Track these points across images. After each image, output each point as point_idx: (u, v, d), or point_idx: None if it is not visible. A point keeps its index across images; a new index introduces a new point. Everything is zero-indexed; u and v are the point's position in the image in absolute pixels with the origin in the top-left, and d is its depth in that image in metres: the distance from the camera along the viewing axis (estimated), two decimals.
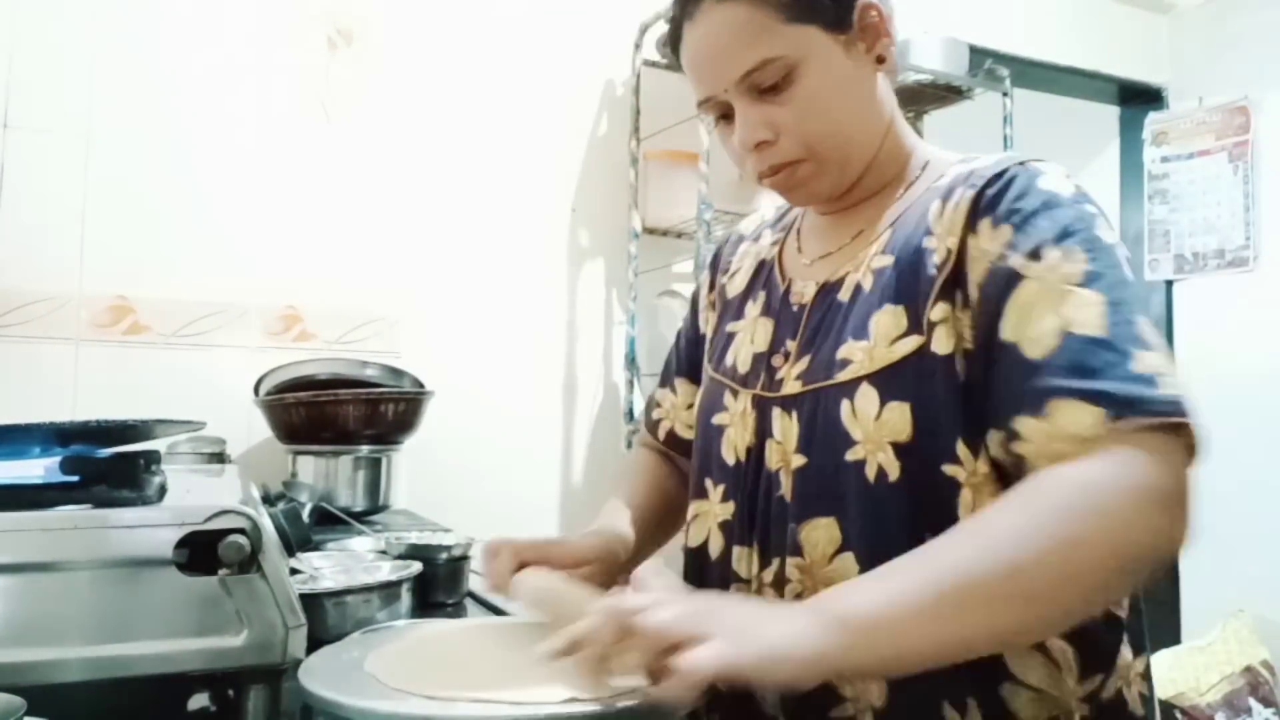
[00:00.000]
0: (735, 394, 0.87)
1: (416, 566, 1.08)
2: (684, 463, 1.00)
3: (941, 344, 0.72)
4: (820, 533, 0.76)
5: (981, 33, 2.61)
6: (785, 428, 0.80)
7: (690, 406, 0.99)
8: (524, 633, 0.78)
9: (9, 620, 0.64)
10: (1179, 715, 2.40)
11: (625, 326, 2.23)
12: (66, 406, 1.75)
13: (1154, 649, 2.77)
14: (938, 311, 0.73)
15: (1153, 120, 3.06)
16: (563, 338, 2.23)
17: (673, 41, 0.85)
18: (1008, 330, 0.69)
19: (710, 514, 0.87)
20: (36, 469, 0.78)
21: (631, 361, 2.21)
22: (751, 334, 0.89)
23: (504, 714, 0.58)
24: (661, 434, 1.04)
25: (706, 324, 1.00)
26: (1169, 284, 3.02)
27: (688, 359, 1.02)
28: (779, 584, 0.79)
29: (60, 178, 1.78)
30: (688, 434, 0.99)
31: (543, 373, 2.20)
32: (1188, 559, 2.90)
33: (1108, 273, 0.69)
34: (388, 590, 1.00)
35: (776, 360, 0.84)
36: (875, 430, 0.73)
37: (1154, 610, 3.10)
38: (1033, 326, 0.68)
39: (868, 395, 0.74)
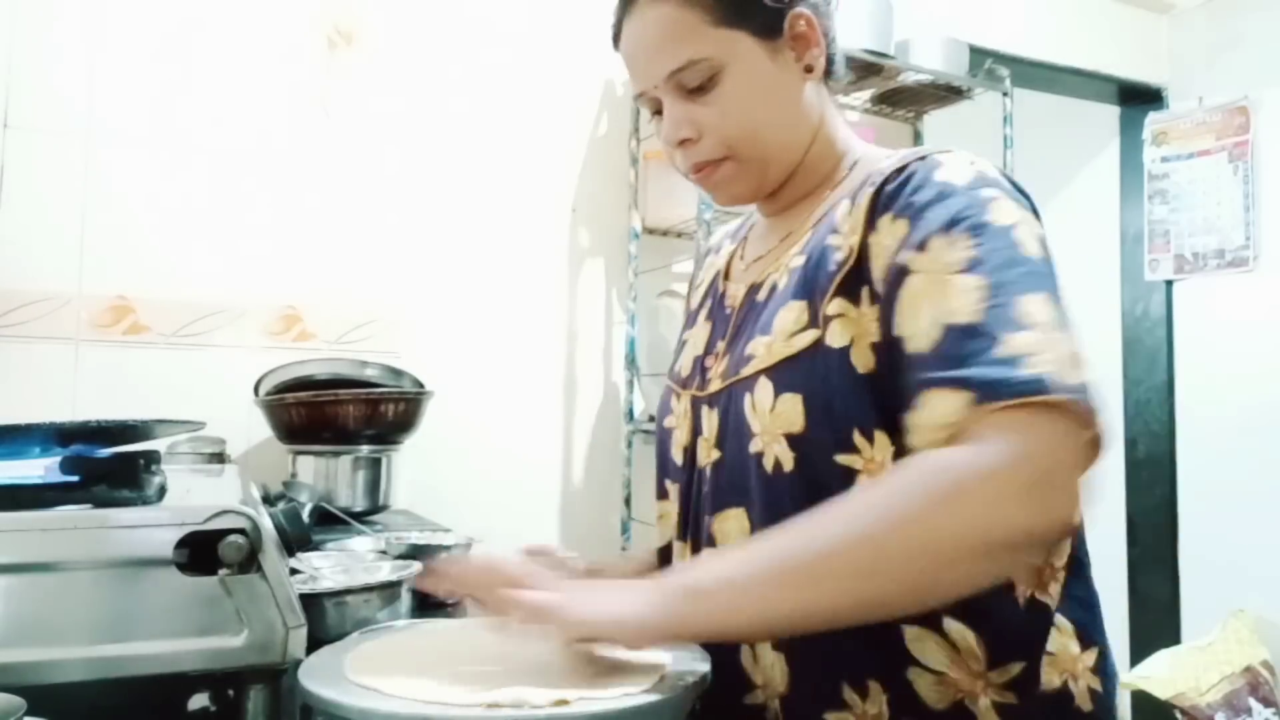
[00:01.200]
0: (678, 396, 0.90)
1: (416, 566, 1.07)
2: None
3: (836, 338, 0.74)
4: (731, 524, 0.79)
5: (981, 33, 2.61)
6: (710, 424, 0.83)
7: None
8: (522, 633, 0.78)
9: (9, 620, 0.64)
10: (1179, 715, 2.40)
11: (625, 326, 2.23)
12: (66, 406, 1.75)
13: (1154, 649, 2.77)
14: (834, 306, 0.74)
15: (1153, 120, 3.06)
16: (563, 338, 2.23)
17: (614, 37, 0.88)
18: (898, 326, 0.71)
19: (671, 514, 0.90)
20: (36, 469, 0.78)
21: (631, 361, 2.21)
22: (695, 339, 0.93)
23: (504, 714, 0.58)
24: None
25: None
26: (1169, 284, 3.02)
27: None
28: None
29: (60, 178, 1.78)
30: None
31: (543, 373, 2.20)
32: (1188, 559, 2.92)
33: (991, 256, 0.68)
34: (388, 590, 1.00)
35: (709, 361, 0.87)
36: (771, 422, 0.75)
37: (1154, 610, 3.09)
38: (916, 320, 0.69)
39: (765, 388, 0.76)
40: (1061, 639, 0.75)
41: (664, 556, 0.92)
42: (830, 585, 0.62)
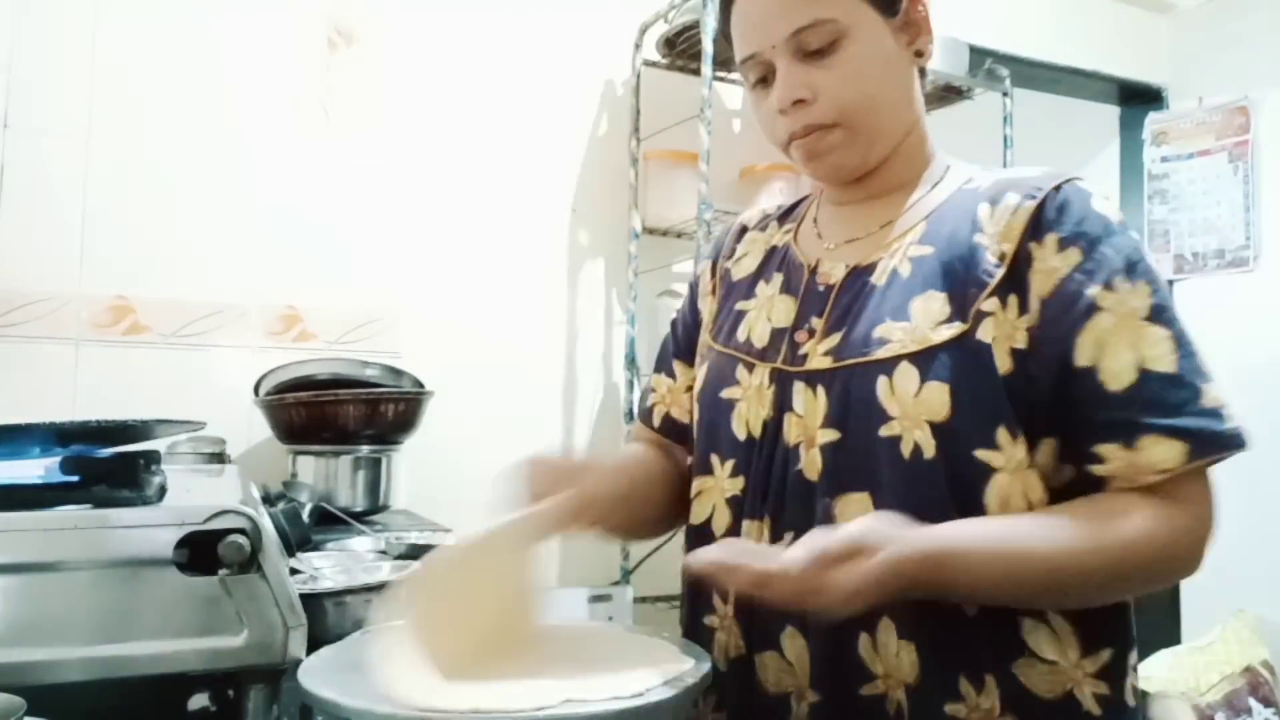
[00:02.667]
0: (750, 368, 0.87)
1: (416, 566, 1.07)
2: (679, 452, 0.99)
3: (987, 334, 0.76)
4: (854, 507, 0.77)
5: (981, 33, 2.61)
6: (808, 402, 0.81)
7: (689, 389, 0.98)
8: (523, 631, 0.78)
9: (9, 620, 0.64)
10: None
11: (625, 326, 2.22)
12: (66, 406, 1.75)
13: (1154, 649, 2.76)
14: (989, 304, 0.76)
15: (1153, 120, 3.06)
16: (563, 338, 2.23)
17: (725, 0, 0.87)
18: (1083, 357, 0.75)
19: (716, 490, 0.87)
20: (36, 469, 0.78)
21: (631, 361, 2.20)
22: (768, 311, 0.89)
23: (504, 716, 0.58)
24: (657, 419, 1.01)
25: (705, 309, 0.99)
26: (1169, 284, 3.02)
27: (685, 344, 1.01)
28: None
29: (60, 178, 1.78)
30: (685, 418, 0.98)
31: (543, 373, 2.20)
32: None
33: (1168, 306, 0.76)
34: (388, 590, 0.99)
35: (800, 336, 0.85)
36: (913, 408, 0.76)
37: (1154, 610, 3.08)
38: (1111, 359, 0.74)
39: (907, 373, 0.76)
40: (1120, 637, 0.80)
41: (698, 534, 0.88)
42: (1030, 593, 0.74)
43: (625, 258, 2.22)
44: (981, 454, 0.75)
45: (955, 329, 0.76)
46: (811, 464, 0.80)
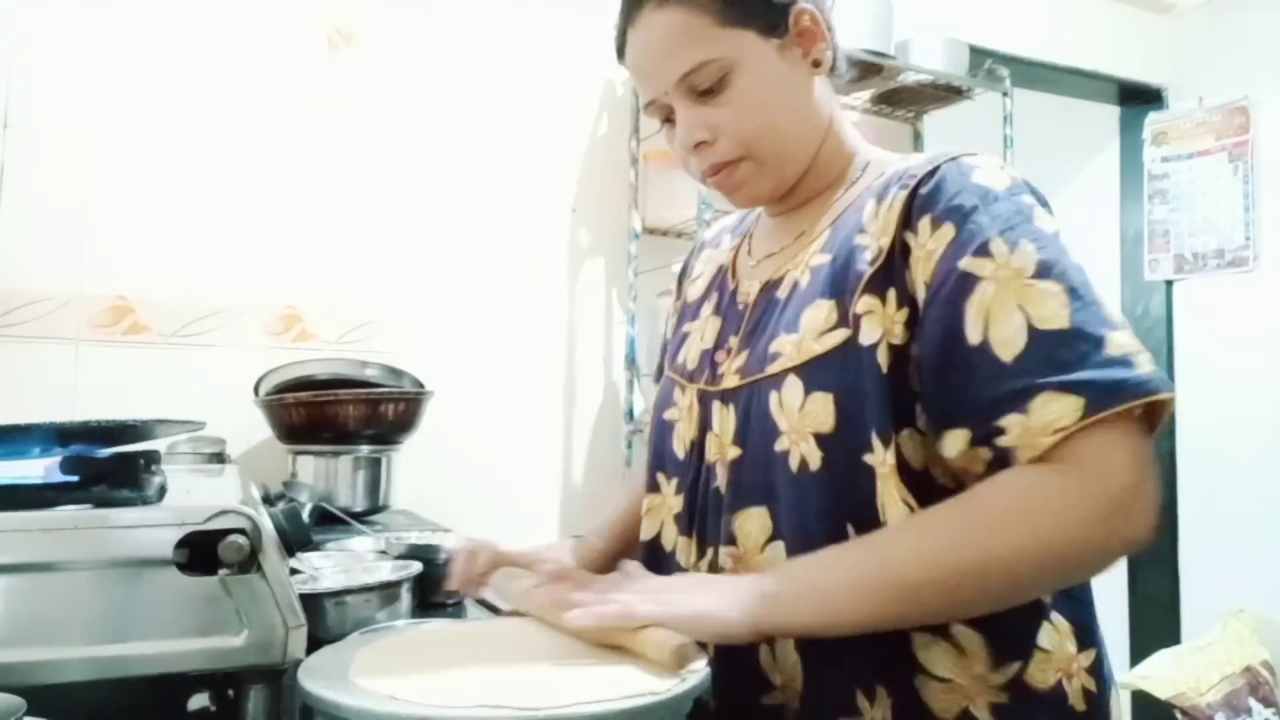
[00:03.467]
0: (683, 389, 0.90)
1: (416, 566, 1.07)
2: None
3: (867, 336, 0.74)
4: (753, 522, 0.79)
5: (981, 33, 2.61)
6: (723, 420, 0.83)
7: None
8: (522, 634, 0.78)
9: (9, 620, 0.64)
10: (1179, 715, 2.40)
11: (625, 326, 2.23)
12: (66, 406, 1.75)
13: (1154, 649, 2.76)
14: (863, 304, 0.75)
15: (1153, 120, 3.06)
16: (563, 338, 2.23)
17: (619, 48, 0.88)
18: (973, 333, 0.70)
19: (664, 507, 0.91)
20: (36, 469, 0.78)
21: (631, 361, 2.21)
22: (702, 332, 0.92)
23: (504, 716, 0.58)
24: None
25: (671, 330, 1.03)
26: (1169, 284, 3.02)
27: (659, 366, 1.06)
28: (714, 573, 0.81)
29: (60, 178, 1.78)
30: None
31: (543, 373, 2.20)
32: (1188, 559, 2.92)
33: (1059, 259, 0.70)
34: (388, 590, 1.00)
35: (720, 356, 0.87)
36: (799, 421, 0.76)
37: (1154, 610, 3.09)
38: (1000, 327, 0.69)
39: (794, 386, 0.76)
40: (1059, 638, 0.75)
41: (649, 549, 0.91)
42: (905, 599, 0.67)
43: (625, 258, 2.22)
44: (869, 459, 0.74)
45: (839, 336, 0.75)
46: (724, 480, 0.82)
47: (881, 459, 0.73)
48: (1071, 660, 0.75)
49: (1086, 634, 0.77)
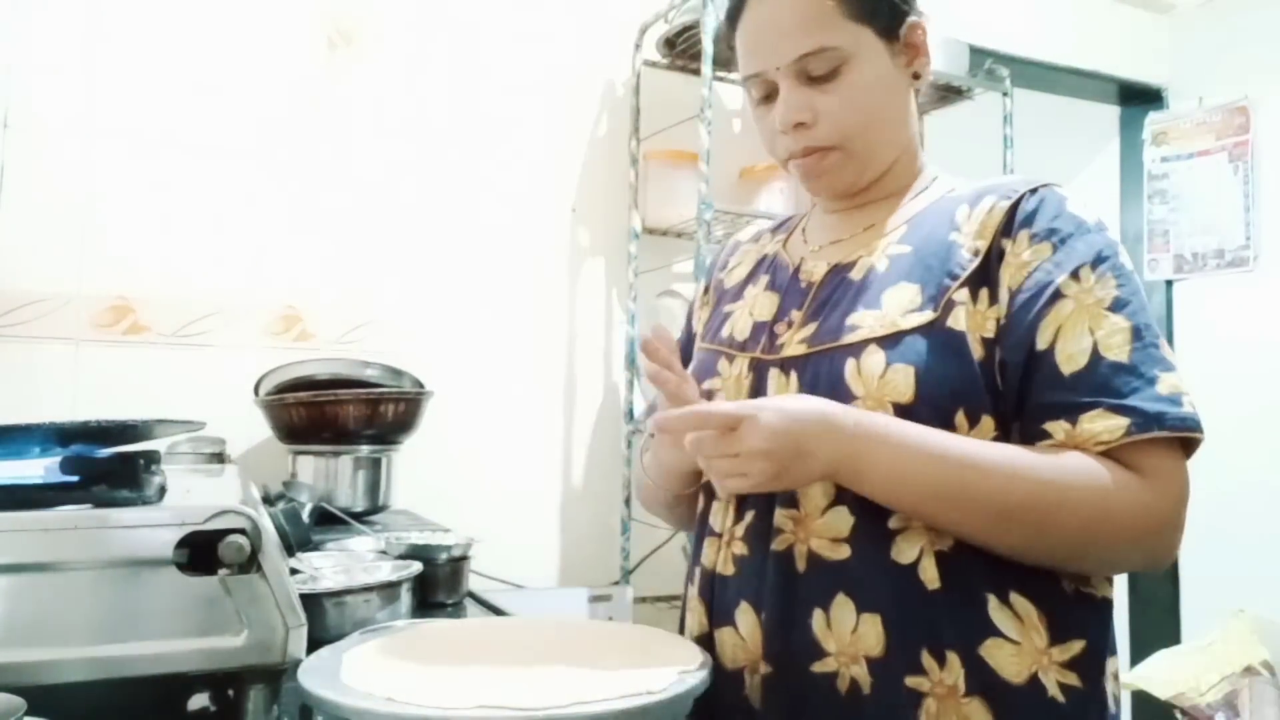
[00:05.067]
0: (731, 359, 0.91)
1: (416, 566, 1.08)
2: None
3: (958, 322, 0.78)
4: (815, 486, 0.80)
5: (981, 33, 2.61)
6: (780, 387, 0.85)
7: None
8: (522, 633, 0.78)
9: (9, 620, 0.64)
10: (1179, 715, 2.40)
11: (625, 326, 2.23)
12: (66, 406, 1.75)
13: (1154, 649, 2.76)
14: (961, 295, 0.79)
15: (1153, 120, 3.06)
16: (563, 338, 2.23)
17: (732, 14, 0.89)
18: (1043, 340, 0.77)
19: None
20: (36, 469, 0.78)
21: (631, 361, 2.20)
22: (751, 308, 0.93)
23: (504, 716, 0.58)
24: None
25: (699, 322, 1.04)
26: (1169, 284, 3.02)
27: (683, 359, 1.04)
28: (752, 536, 0.83)
29: (60, 178, 1.78)
30: None
31: (543, 373, 2.20)
32: (1188, 559, 2.91)
33: (1133, 299, 0.77)
34: (388, 590, 1.00)
35: (779, 328, 0.88)
36: (877, 389, 0.78)
37: (1154, 610, 3.08)
38: (1067, 343, 0.76)
39: (874, 355, 0.79)
40: (1093, 631, 0.80)
41: (700, 526, 0.91)
42: (980, 524, 0.74)
43: (625, 258, 2.22)
44: None
45: (925, 316, 0.79)
46: None
47: (966, 436, 0.77)
48: (1099, 657, 0.80)
49: (1112, 642, 0.82)
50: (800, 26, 0.83)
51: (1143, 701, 2.46)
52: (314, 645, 0.71)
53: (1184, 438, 0.74)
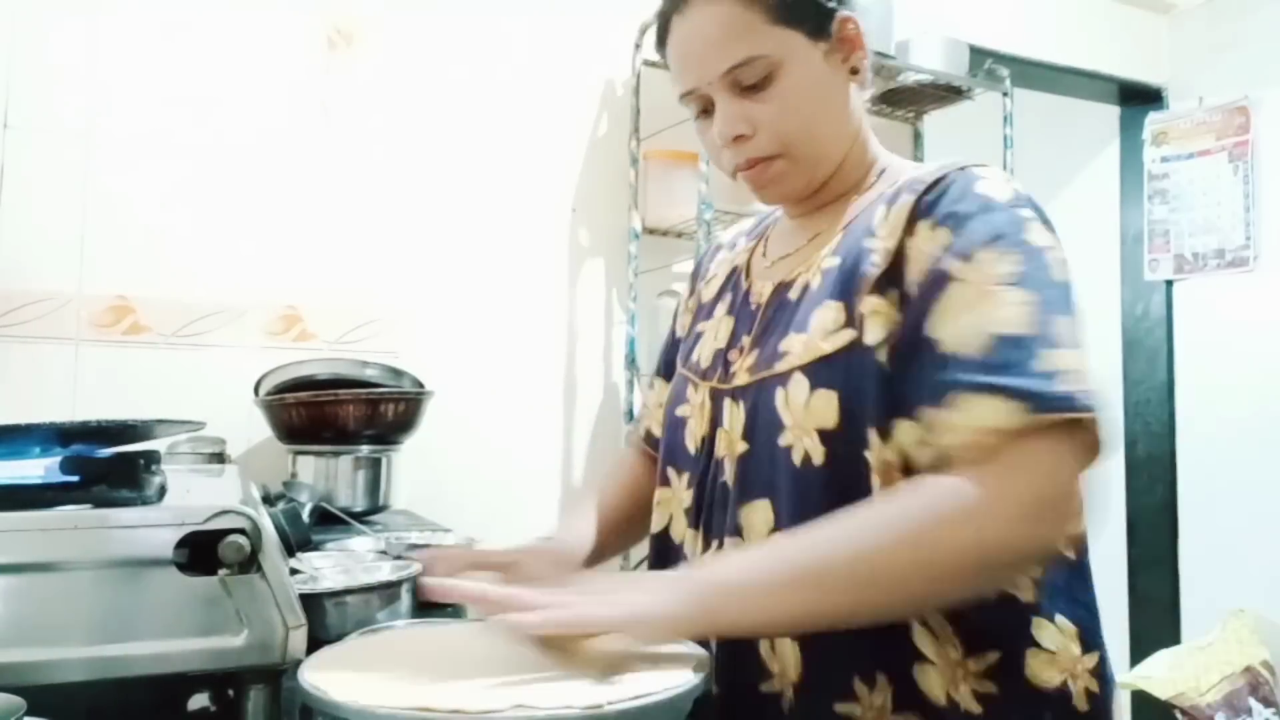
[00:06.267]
0: (696, 387, 0.92)
1: (416, 566, 1.07)
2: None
3: (872, 335, 0.76)
4: (758, 515, 0.81)
5: (981, 33, 2.61)
6: (733, 416, 0.85)
7: (663, 405, 1.03)
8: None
9: (9, 620, 0.64)
10: (1179, 715, 2.40)
11: (625, 326, 2.22)
12: (66, 406, 1.75)
13: (1154, 649, 2.76)
14: (868, 304, 0.77)
15: (1153, 120, 3.06)
16: (563, 338, 2.23)
17: (660, 34, 0.88)
18: (932, 327, 0.73)
19: (673, 501, 0.93)
20: (36, 469, 0.78)
21: (631, 361, 2.20)
22: (716, 331, 0.94)
23: (504, 716, 0.58)
24: (643, 432, 1.10)
25: (683, 328, 1.04)
26: (1169, 284, 3.02)
27: (666, 361, 1.08)
28: None
29: (60, 178, 1.78)
30: (660, 432, 1.03)
31: (543, 373, 2.20)
32: (1188, 559, 2.92)
33: (1033, 274, 0.72)
34: (388, 590, 0.99)
35: (732, 354, 0.89)
36: (804, 417, 0.77)
37: (1154, 610, 3.08)
38: (954, 324, 0.72)
39: (799, 384, 0.78)
40: (1064, 640, 0.77)
41: (658, 542, 0.94)
42: (837, 593, 0.68)
43: (625, 258, 2.22)
44: (868, 454, 0.76)
45: (846, 337, 0.77)
46: (731, 474, 0.84)
47: (877, 454, 0.75)
48: (1076, 661, 0.77)
49: (1090, 636, 0.79)
50: (726, 38, 0.82)
51: (1143, 701, 2.46)
52: (314, 645, 0.71)
53: (1067, 419, 0.67)
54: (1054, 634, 0.77)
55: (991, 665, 0.75)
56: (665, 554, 0.92)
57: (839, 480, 0.76)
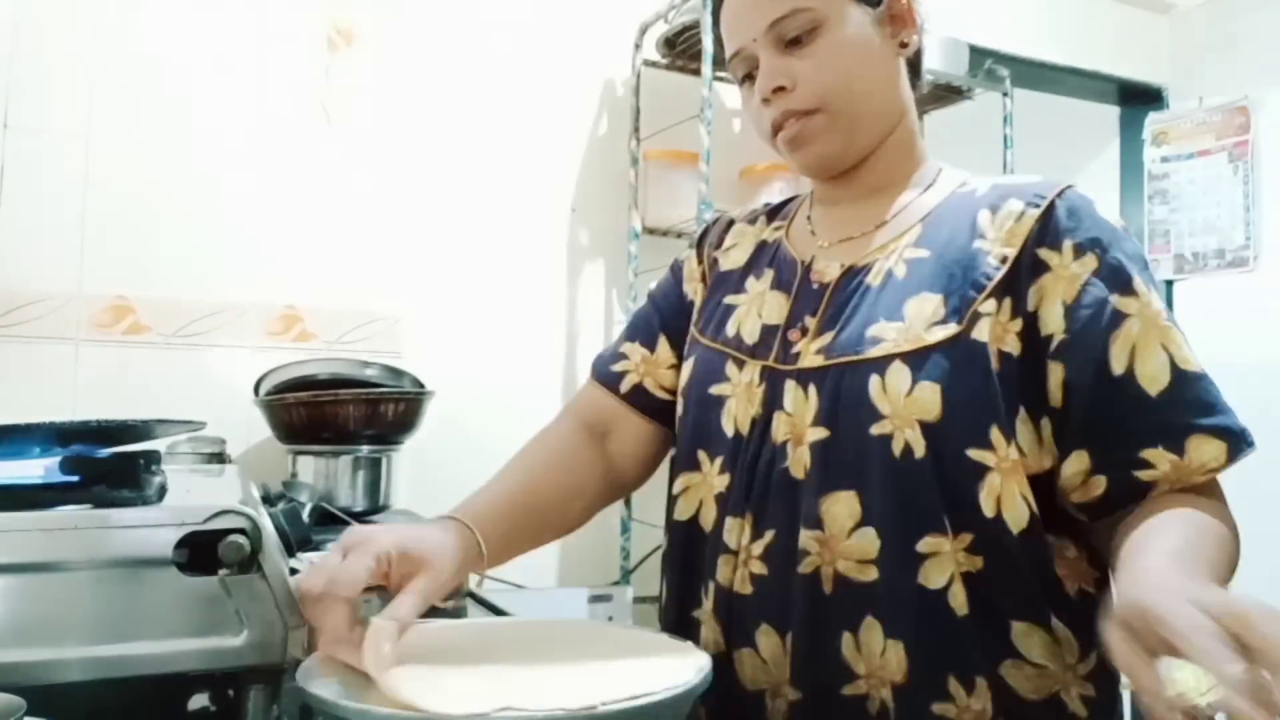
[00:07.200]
0: (740, 365, 0.87)
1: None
2: (637, 424, 0.99)
3: (982, 334, 0.76)
4: (841, 506, 0.78)
5: (981, 33, 2.61)
6: (798, 400, 0.82)
7: (672, 367, 0.99)
8: (521, 634, 0.78)
9: (9, 620, 0.64)
10: (1179, 715, 2.40)
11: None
12: (66, 406, 1.75)
13: None
14: (987, 306, 0.77)
15: (1153, 120, 3.06)
16: (563, 338, 2.23)
17: (714, 5, 0.90)
18: (1117, 365, 0.76)
19: (704, 486, 0.88)
20: (36, 469, 0.78)
21: None
22: (759, 307, 0.90)
23: (503, 716, 0.58)
24: (625, 387, 1.01)
25: (695, 295, 1.00)
26: (1169, 284, 3.02)
27: (672, 321, 1.02)
28: (773, 556, 0.80)
29: (60, 178, 1.78)
30: (661, 394, 0.99)
31: (543, 373, 2.20)
32: None
33: (1168, 309, 0.79)
34: (387, 590, 0.99)
35: (793, 334, 0.85)
36: (904, 407, 0.76)
37: None
38: (1146, 363, 0.76)
39: (900, 373, 0.77)
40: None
41: (686, 530, 0.89)
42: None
43: (625, 258, 2.22)
44: (974, 453, 0.75)
45: (950, 330, 0.77)
46: (798, 462, 0.80)
47: (1004, 454, 0.75)
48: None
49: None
50: None
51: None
52: (314, 645, 0.71)
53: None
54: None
55: (1093, 667, 0.76)
56: (695, 543, 0.88)
57: (940, 476, 0.75)
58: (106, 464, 0.77)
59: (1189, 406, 0.75)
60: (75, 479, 0.75)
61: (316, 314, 1.98)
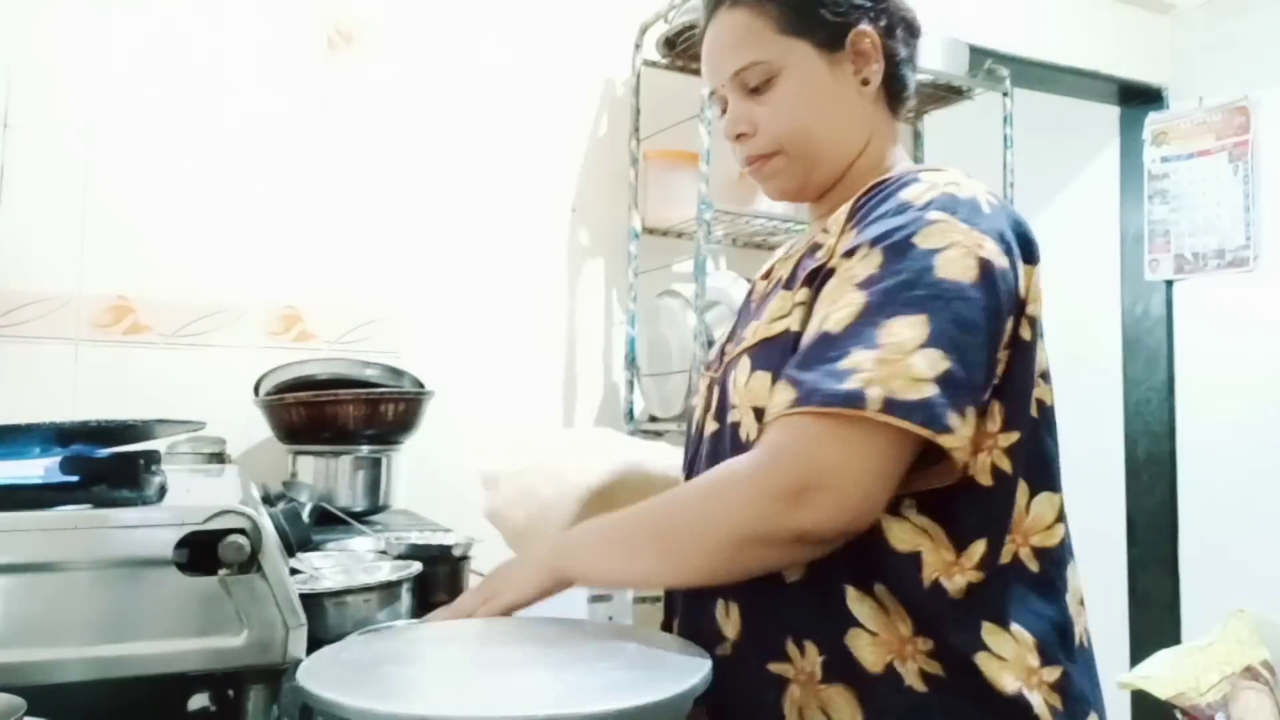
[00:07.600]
0: (704, 379, 1.00)
1: (416, 566, 1.07)
2: None
3: (797, 324, 0.82)
4: None
5: (981, 33, 2.61)
6: (708, 400, 0.94)
7: None
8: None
9: (9, 620, 0.64)
10: (1179, 715, 2.40)
11: (625, 326, 2.22)
12: (66, 406, 1.75)
13: (1154, 649, 2.76)
14: (801, 294, 0.83)
15: (1153, 120, 3.06)
16: (563, 338, 2.23)
17: (699, 37, 0.98)
18: (815, 319, 0.79)
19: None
20: (36, 469, 0.78)
21: (631, 361, 2.20)
22: (727, 329, 1.03)
23: (503, 717, 0.58)
24: None
25: None
26: (1169, 284, 3.02)
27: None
28: None
29: (60, 178, 1.78)
30: None
31: (543, 373, 2.20)
32: (1188, 559, 2.92)
33: (890, 276, 0.75)
34: (388, 590, 1.00)
35: (728, 346, 0.96)
36: (744, 397, 0.84)
37: (1154, 610, 3.08)
38: (813, 320, 0.79)
39: (744, 366, 0.85)
40: (1018, 649, 0.77)
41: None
42: (640, 554, 0.79)
43: (625, 258, 2.22)
44: None
45: (783, 324, 0.83)
46: (700, 453, 0.92)
47: None
48: (1033, 673, 0.78)
49: (1050, 650, 0.79)
50: (735, 44, 0.91)
51: (1142, 701, 2.46)
52: (314, 645, 0.71)
53: (859, 416, 0.69)
54: (1008, 642, 0.77)
55: (932, 649, 0.76)
56: None
57: None
58: (106, 464, 0.77)
59: (800, 359, 0.76)
60: (75, 479, 0.75)
61: (316, 314, 1.98)
